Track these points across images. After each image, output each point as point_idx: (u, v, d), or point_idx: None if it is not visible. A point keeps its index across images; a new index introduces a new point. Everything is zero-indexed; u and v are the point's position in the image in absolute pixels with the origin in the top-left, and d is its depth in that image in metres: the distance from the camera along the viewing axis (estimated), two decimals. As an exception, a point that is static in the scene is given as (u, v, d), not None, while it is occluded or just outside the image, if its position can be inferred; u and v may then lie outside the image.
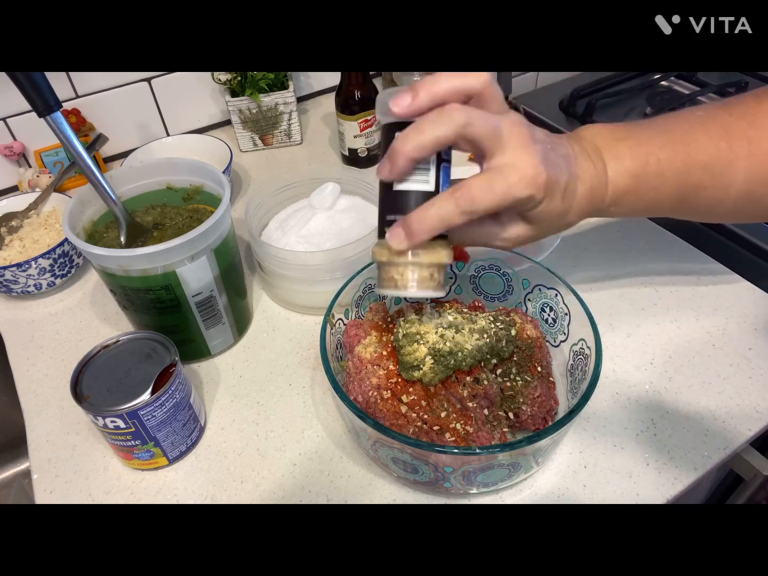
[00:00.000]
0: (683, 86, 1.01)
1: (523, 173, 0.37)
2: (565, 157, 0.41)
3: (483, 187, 0.38)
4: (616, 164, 0.43)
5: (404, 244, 0.39)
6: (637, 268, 0.69)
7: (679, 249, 0.71)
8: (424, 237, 0.39)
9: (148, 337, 0.51)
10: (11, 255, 0.70)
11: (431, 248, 0.40)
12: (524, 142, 0.38)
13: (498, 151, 0.38)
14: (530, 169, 0.37)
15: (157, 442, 0.50)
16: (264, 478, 0.51)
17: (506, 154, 0.38)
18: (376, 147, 0.88)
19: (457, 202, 0.38)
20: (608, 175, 0.43)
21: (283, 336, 0.64)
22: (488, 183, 0.38)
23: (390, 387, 0.47)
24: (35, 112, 0.51)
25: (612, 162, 0.43)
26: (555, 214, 0.41)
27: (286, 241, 0.66)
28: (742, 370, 0.57)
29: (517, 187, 0.37)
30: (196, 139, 0.88)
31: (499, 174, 0.38)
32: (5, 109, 0.82)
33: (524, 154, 0.38)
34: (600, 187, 0.43)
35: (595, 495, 0.49)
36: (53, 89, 0.51)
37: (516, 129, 0.38)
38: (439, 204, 0.38)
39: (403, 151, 0.37)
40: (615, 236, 0.73)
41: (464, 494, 0.49)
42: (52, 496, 0.51)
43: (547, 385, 0.50)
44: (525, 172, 0.37)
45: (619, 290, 0.66)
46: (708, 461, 0.50)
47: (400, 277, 0.41)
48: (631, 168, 0.43)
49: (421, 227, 0.38)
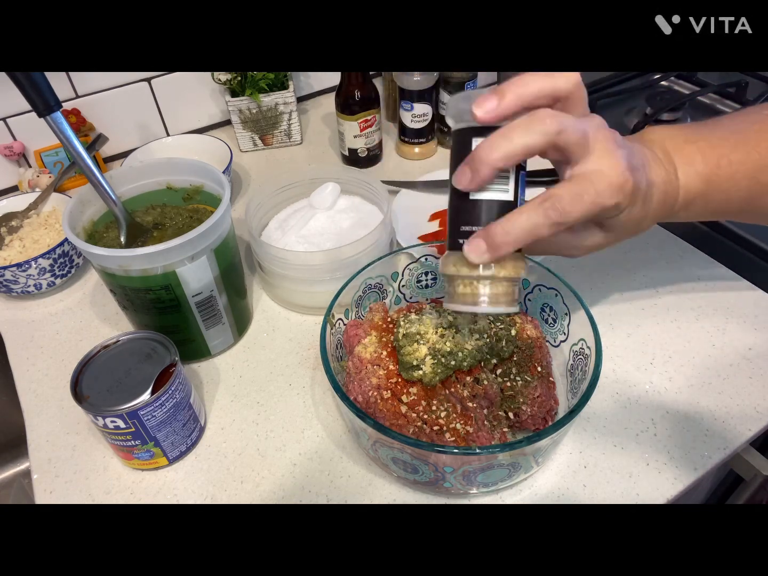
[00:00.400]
0: (683, 86, 1.01)
1: (611, 180, 0.36)
2: (643, 159, 0.40)
3: (572, 196, 0.35)
4: (688, 168, 0.42)
5: (485, 257, 0.37)
6: (637, 268, 0.69)
7: (680, 249, 0.71)
8: (508, 250, 0.36)
9: (148, 337, 0.51)
10: (11, 255, 0.70)
11: (506, 261, 0.38)
12: (610, 147, 0.36)
13: (584, 158, 0.36)
14: (618, 177, 0.36)
15: (157, 442, 0.50)
16: (264, 478, 0.51)
17: (592, 160, 0.36)
18: (376, 147, 0.88)
19: (546, 213, 0.35)
20: (679, 180, 0.42)
21: (283, 336, 0.64)
22: (577, 191, 0.36)
23: (390, 387, 0.47)
24: (35, 112, 0.51)
25: (683, 166, 0.42)
26: (634, 222, 0.40)
27: (286, 241, 0.66)
28: (742, 370, 0.57)
29: (605, 195, 0.36)
30: (196, 139, 0.88)
31: (587, 181, 0.36)
32: (5, 109, 0.82)
33: (611, 160, 0.36)
34: (672, 192, 0.42)
35: (595, 495, 0.49)
36: (53, 89, 0.51)
37: (601, 133, 0.37)
38: (527, 215, 0.36)
39: (489, 160, 0.35)
40: (615, 236, 0.73)
41: (464, 494, 0.49)
42: (52, 496, 0.51)
43: (547, 385, 0.50)
44: (612, 179, 0.36)
45: (619, 290, 0.66)
46: (708, 461, 0.50)
47: (472, 292, 0.39)
48: (702, 171, 0.42)
49: (506, 240, 0.36)
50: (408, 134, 0.88)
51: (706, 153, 0.43)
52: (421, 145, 0.89)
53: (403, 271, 0.59)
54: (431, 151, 0.91)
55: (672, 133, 0.44)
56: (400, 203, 0.77)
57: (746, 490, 0.62)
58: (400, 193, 0.79)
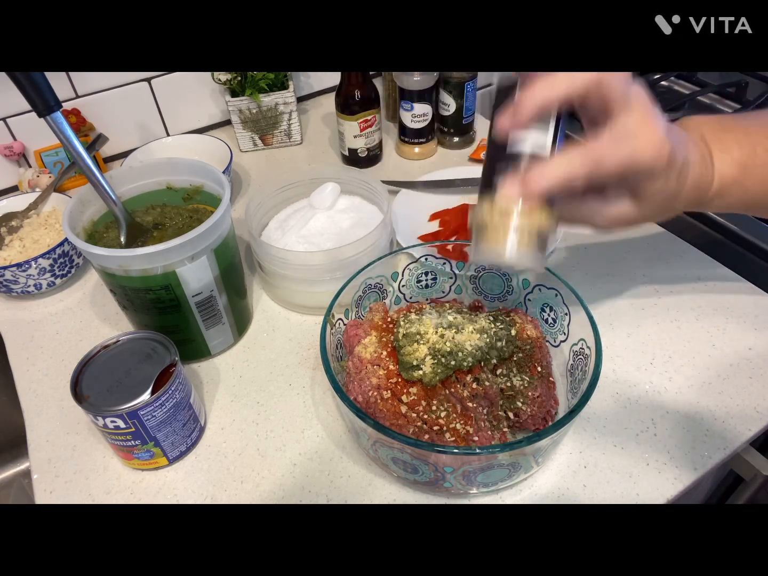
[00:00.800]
0: (683, 86, 1.01)
1: (650, 139, 0.37)
2: (680, 138, 0.40)
3: (610, 146, 0.37)
4: (723, 154, 0.42)
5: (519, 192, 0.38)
6: (637, 268, 0.69)
7: (679, 249, 0.71)
8: (543, 189, 0.37)
9: (148, 337, 0.51)
10: (11, 255, 0.70)
11: (535, 212, 0.38)
12: (650, 111, 0.37)
13: (624, 114, 0.37)
14: (658, 136, 0.37)
15: (157, 442, 0.50)
16: (264, 478, 0.51)
17: (633, 118, 0.37)
18: (376, 147, 0.88)
19: (583, 159, 0.37)
20: (714, 165, 0.42)
21: (283, 336, 0.64)
22: (617, 142, 0.37)
23: (390, 387, 0.47)
24: (35, 112, 0.51)
25: (718, 152, 0.42)
26: (666, 195, 0.40)
27: (286, 241, 0.66)
28: (742, 370, 0.57)
29: (643, 153, 0.37)
30: (196, 139, 0.88)
31: (627, 137, 0.37)
32: (5, 109, 0.82)
33: (651, 122, 0.37)
34: (707, 175, 0.42)
35: (595, 495, 0.49)
36: (53, 89, 0.51)
37: (642, 97, 0.38)
38: (565, 159, 0.37)
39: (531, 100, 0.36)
40: (615, 236, 0.73)
41: (464, 494, 0.49)
42: (52, 496, 0.51)
43: (547, 385, 0.50)
44: (652, 139, 0.37)
45: (619, 290, 0.66)
46: (708, 461, 0.50)
47: (501, 238, 0.39)
48: (738, 158, 0.42)
49: (542, 181, 0.37)
50: (408, 134, 0.88)
51: (742, 140, 0.43)
52: (421, 145, 0.89)
53: (403, 271, 0.59)
54: (431, 151, 0.91)
55: (709, 121, 0.44)
56: (400, 203, 0.77)
57: (746, 490, 0.62)
58: (400, 193, 0.79)
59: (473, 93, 0.87)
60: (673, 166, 0.38)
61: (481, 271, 0.60)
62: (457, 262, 0.60)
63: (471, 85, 0.85)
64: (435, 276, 0.61)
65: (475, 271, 0.60)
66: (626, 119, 0.37)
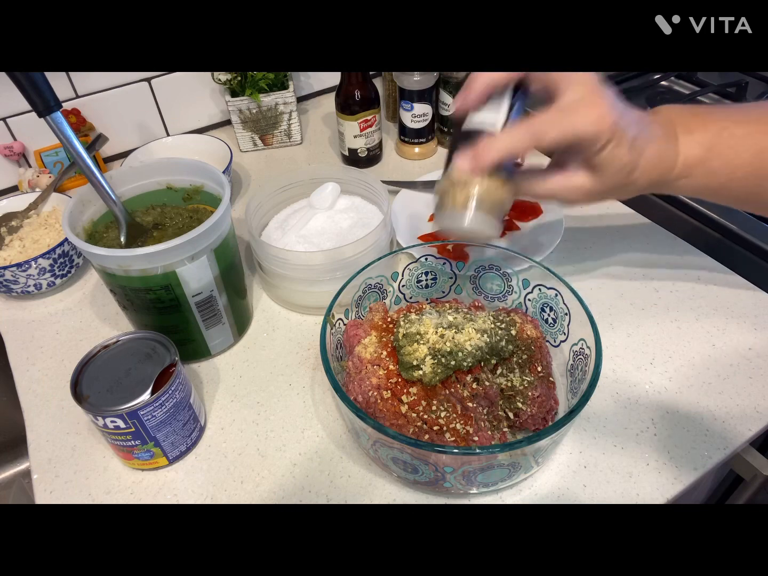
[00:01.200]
0: (683, 86, 1.01)
1: (591, 111, 0.39)
2: (638, 116, 0.43)
3: (551, 120, 0.40)
4: (689, 136, 0.44)
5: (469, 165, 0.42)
6: (637, 267, 0.69)
7: (680, 249, 0.71)
8: (492, 159, 0.41)
9: (148, 337, 0.51)
10: (11, 255, 0.70)
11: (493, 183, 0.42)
12: (596, 88, 0.40)
13: (570, 91, 0.40)
14: (599, 109, 0.39)
15: (157, 442, 0.50)
16: (264, 478, 0.51)
17: (576, 93, 0.40)
18: (377, 147, 0.88)
19: (526, 132, 0.40)
20: (679, 146, 0.44)
21: (283, 336, 0.64)
22: (557, 117, 0.40)
23: (390, 387, 0.47)
24: (35, 112, 0.51)
25: (684, 134, 0.44)
26: (620, 165, 0.42)
27: (286, 241, 0.66)
28: (742, 370, 0.57)
29: (583, 123, 0.39)
30: (196, 139, 0.88)
31: (568, 109, 0.40)
32: (5, 109, 0.82)
33: (594, 97, 0.40)
34: (670, 154, 0.44)
35: (595, 495, 0.49)
36: (53, 89, 0.51)
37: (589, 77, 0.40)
38: (509, 133, 0.41)
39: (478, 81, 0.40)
40: (615, 236, 0.73)
41: (464, 494, 0.49)
42: (52, 496, 0.51)
43: (547, 385, 0.50)
44: (593, 110, 0.39)
45: (619, 290, 0.66)
46: (708, 461, 0.50)
47: (459, 204, 0.43)
48: (703, 139, 0.44)
49: (489, 152, 0.41)
50: (408, 134, 0.88)
51: (709, 124, 0.44)
52: (421, 145, 0.89)
53: (403, 271, 0.59)
54: (431, 151, 0.91)
55: (680, 108, 0.46)
56: (400, 203, 0.77)
57: (746, 490, 0.62)
58: (400, 193, 0.79)
59: (473, 93, 0.87)
60: (621, 138, 0.41)
61: (481, 271, 0.60)
62: (457, 262, 0.60)
63: (471, 85, 0.85)
64: (435, 276, 0.61)
65: (475, 271, 0.60)
66: (570, 95, 0.40)
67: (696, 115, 0.45)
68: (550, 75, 0.40)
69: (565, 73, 0.40)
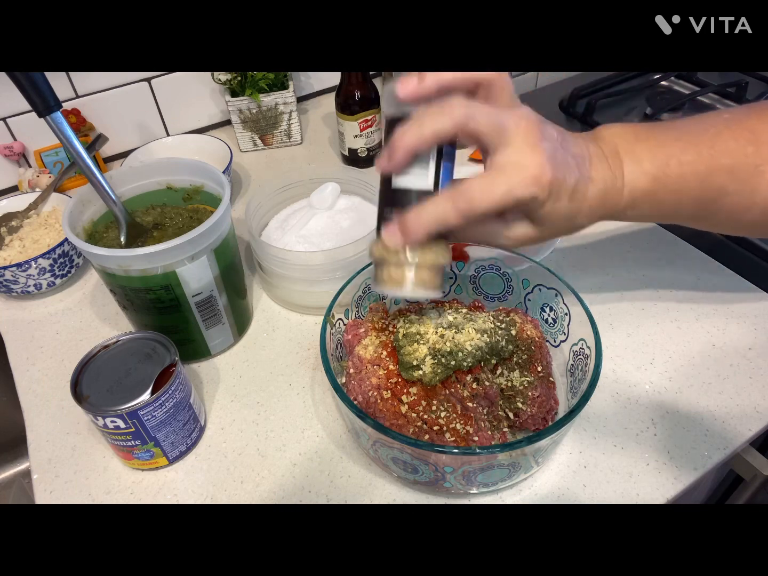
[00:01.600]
0: (683, 86, 1.01)
1: (526, 173, 0.36)
2: (577, 157, 0.40)
3: (483, 187, 0.36)
4: (635, 166, 0.41)
5: (399, 242, 0.39)
6: (637, 268, 0.69)
7: (679, 249, 0.71)
8: (419, 236, 0.38)
9: (148, 337, 0.51)
10: (11, 255, 0.70)
11: (429, 248, 0.40)
12: (530, 139, 0.37)
13: (501, 148, 0.36)
14: (534, 169, 0.36)
15: (157, 442, 0.50)
16: (264, 478, 0.51)
17: (510, 151, 0.36)
18: (377, 147, 0.88)
19: (455, 203, 0.37)
20: (625, 177, 0.41)
21: (283, 336, 0.64)
22: (489, 183, 0.36)
23: (390, 387, 0.47)
24: (35, 112, 0.51)
25: (630, 164, 0.41)
26: (562, 216, 0.40)
27: (286, 241, 0.66)
28: (742, 370, 0.57)
29: (518, 187, 0.36)
30: (196, 139, 0.88)
31: (501, 173, 0.36)
32: (5, 109, 0.82)
33: (529, 152, 0.36)
34: (615, 189, 0.41)
35: (595, 495, 0.49)
36: (53, 89, 0.51)
37: (524, 124, 0.37)
38: (436, 204, 0.38)
39: (402, 143, 0.37)
40: (615, 236, 0.73)
41: (464, 494, 0.49)
42: (52, 496, 0.51)
43: (547, 385, 0.50)
44: (528, 171, 0.36)
45: (619, 290, 0.66)
46: (708, 461, 0.50)
47: (396, 276, 0.41)
48: (649, 170, 0.41)
49: (417, 226, 0.38)
50: (408, 134, 0.88)
51: (656, 152, 0.42)
52: (421, 145, 0.89)
53: (403, 271, 0.59)
54: (431, 151, 0.91)
55: (624, 131, 0.43)
56: (400, 203, 0.77)
57: (746, 490, 0.62)
58: (400, 193, 0.79)
59: (473, 93, 0.87)
60: (560, 190, 0.38)
61: (481, 271, 0.60)
62: (457, 262, 0.60)
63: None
64: (435, 276, 0.61)
65: (475, 271, 0.60)
66: (502, 154, 0.36)
67: (641, 140, 0.42)
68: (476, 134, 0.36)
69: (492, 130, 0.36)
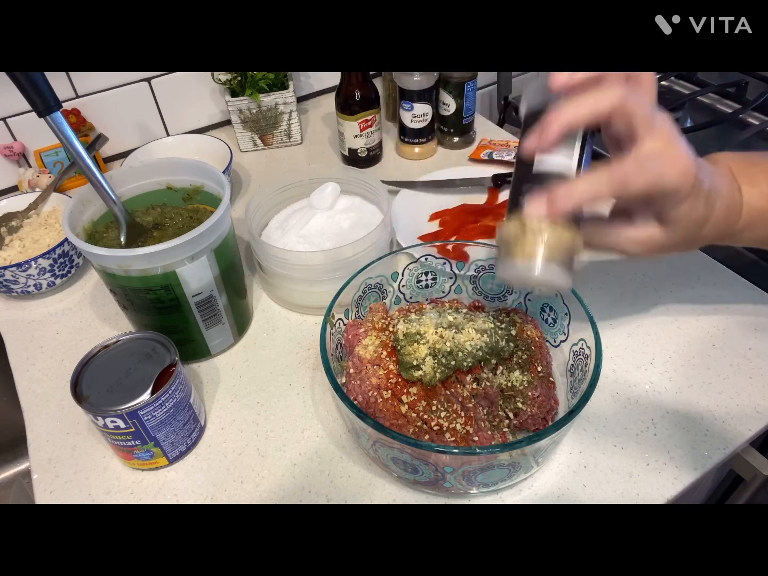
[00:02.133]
0: (683, 86, 1.01)
1: (676, 164, 0.37)
2: (708, 167, 0.41)
3: (637, 168, 0.37)
4: (751, 188, 0.43)
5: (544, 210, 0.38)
6: (638, 268, 0.69)
7: (679, 249, 0.71)
8: (571, 205, 0.38)
9: (148, 337, 0.51)
10: (11, 255, 0.70)
11: (566, 230, 0.39)
12: (675, 136, 0.38)
13: (650, 137, 0.37)
14: (683, 162, 0.37)
15: (157, 442, 0.50)
16: (264, 478, 0.51)
17: (659, 141, 0.37)
18: (376, 147, 0.88)
19: (609, 179, 0.37)
20: (743, 197, 0.43)
21: (283, 336, 0.64)
22: (641, 165, 0.37)
23: (390, 387, 0.47)
24: (35, 112, 0.51)
25: (746, 186, 0.43)
26: (693, 220, 0.40)
27: (286, 241, 0.66)
28: (742, 370, 0.57)
29: (669, 175, 0.37)
30: (196, 139, 0.88)
31: (653, 158, 0.37)
32: (5, 109, 0.82)
33: (677, 146, 0.38)
34: (735, 207, 0.42)
35: (595, 495, 0.49)
36: (53, 89, 0.51)
37: (667, 122, 0.38)
38: (591, 179, 0.38)
39: (557, 120, 0.37)
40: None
41: (464, 494, 0.49)
42: (52, 496, 0.51)
43: (547, 385, 0.50)
44: (678, 163, 0.37)
45: (619, 290, 0.66)
46: (708, 461, 0.50)
47: (530, 249, 0.39)
48: (766, 191, 0.43)
49: (567, 200, 0.38)
50: (408, 134, 0.88)
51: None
52: (421, 145, 0.89)
53: (403, 271, 0.59)
54: (431, 151, 0.91)
55: (735, 156, 0.45)
56: (400, 203, 0.77)
57: (746, 490, 0.62)
58: (400, 193, 0.79)
59: (473, 93, 0.87)
60: (699, 191, 0.39)
61: (481, 271, 0.60)
62: (457, 262, 0.60)
63: (471, 85, 0.85)
64: (435, 276, 0.61)
65: (475, 271, 0.60)
66: (652, 142, 0.37)
67: (754, 164, 0.44)
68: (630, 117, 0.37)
69: (644, 117, 0.37)
